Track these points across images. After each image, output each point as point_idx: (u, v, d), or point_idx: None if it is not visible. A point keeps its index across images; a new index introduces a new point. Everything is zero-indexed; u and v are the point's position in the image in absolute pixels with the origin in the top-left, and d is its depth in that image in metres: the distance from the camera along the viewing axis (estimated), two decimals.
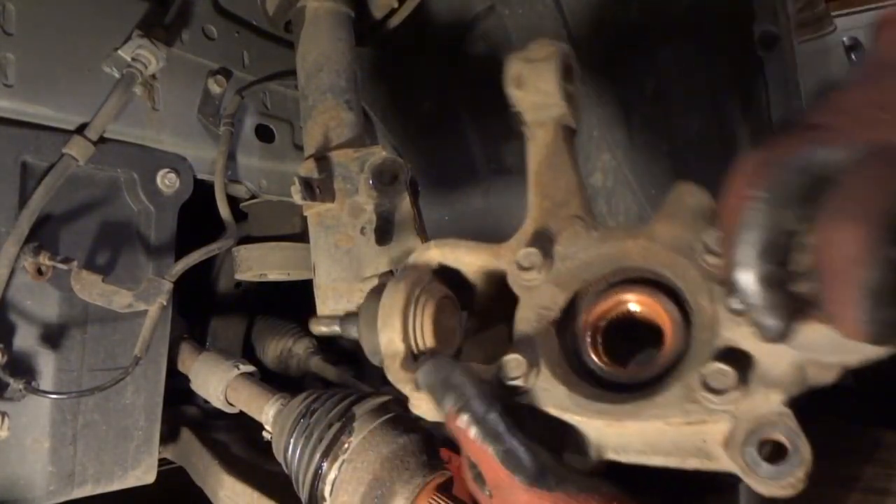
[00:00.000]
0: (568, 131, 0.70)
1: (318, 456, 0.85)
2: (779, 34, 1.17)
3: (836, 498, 0.62)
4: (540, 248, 0.63)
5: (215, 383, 1.21)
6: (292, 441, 0.91)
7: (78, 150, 1.03)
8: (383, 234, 0.96)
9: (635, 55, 1.40)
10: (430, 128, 1.76)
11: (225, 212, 1.20)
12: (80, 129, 1.05)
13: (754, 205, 0.42)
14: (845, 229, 0.37)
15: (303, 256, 1.37)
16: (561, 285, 0.63)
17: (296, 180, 0.94)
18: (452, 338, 0.70)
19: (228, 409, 1.21)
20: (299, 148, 1.40)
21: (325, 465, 0.84)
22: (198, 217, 1.23)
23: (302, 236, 1.40)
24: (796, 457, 0.45)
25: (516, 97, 0.70)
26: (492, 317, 0.73)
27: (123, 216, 1.16)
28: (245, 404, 1.15)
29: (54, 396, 1.06)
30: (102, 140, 1.07)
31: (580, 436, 0.55)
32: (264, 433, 1.05)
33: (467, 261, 0.70)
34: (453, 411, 0.55)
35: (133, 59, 1.08)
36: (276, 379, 1.66)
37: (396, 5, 1.30)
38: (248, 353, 1.74)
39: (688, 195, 0.58)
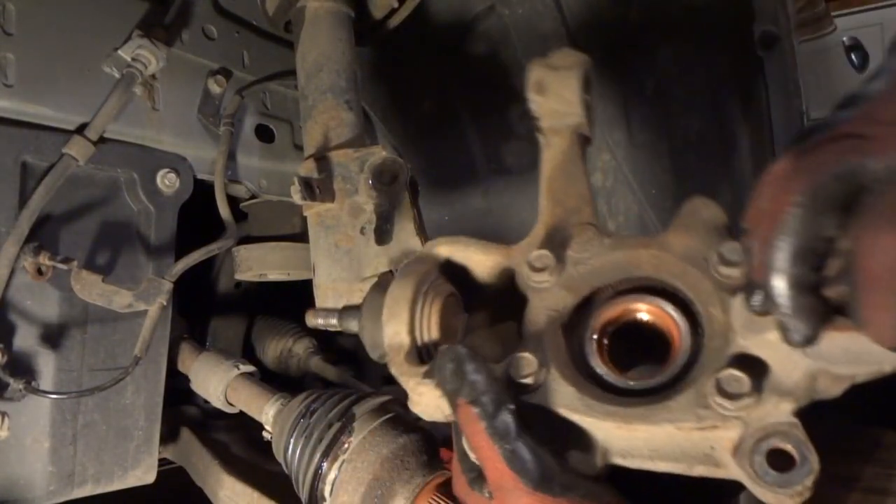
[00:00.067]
0: (583, 140, 0.71)
1: (318, 456, 0.85)
2: (779, 34, 1.17)
3: (836, 498, 0.62)
4: (552, 251, 0.64)
5: (215, 383, 1.21)
6: (292, 441, 0.91)
7: (78, 150, 1.03)
8: (383, 234, 0.96)
9: (635, 55, 1.40)
10: (430, 128, 1.76)
11: (225, 212, 1.20)
12: (80, 129, 1.05)
13: (793, 210, 0.43)
14: (887, 238, 0.39)
15: (303, 256, 1.37)
16: (570, 289, 0.63)
17: (296, 180, 0.94)
18: (454, 337, 0.70)
19: (228, 409, 1.21)
20: (299, 148, 1.40)
21: (325, 465, 0.84)
22: (198, 217, 1.23)
23: (302, 236, 1.40)
24: (805, 467, 0.45)
25: (536, 102, 0.70)
26: (495, 316, 0.73)
27: (123, 216, 1.16)
28: (245, 404, 1.15)
29: (54, 396, 1.06)
30: (102, 140, 1.08)
31: (587, 438, 0.55)
32: (264, 433, 1.04)
33: (476, 259, 0.70)
34: (465, 404, 0.54)
35: (133, 59, 1.08)
36: (276, 379, 1.66)
37: (396, 5, 1.30)
38: (248, 353, 1.74)
39: (703, 208, 0.59)
